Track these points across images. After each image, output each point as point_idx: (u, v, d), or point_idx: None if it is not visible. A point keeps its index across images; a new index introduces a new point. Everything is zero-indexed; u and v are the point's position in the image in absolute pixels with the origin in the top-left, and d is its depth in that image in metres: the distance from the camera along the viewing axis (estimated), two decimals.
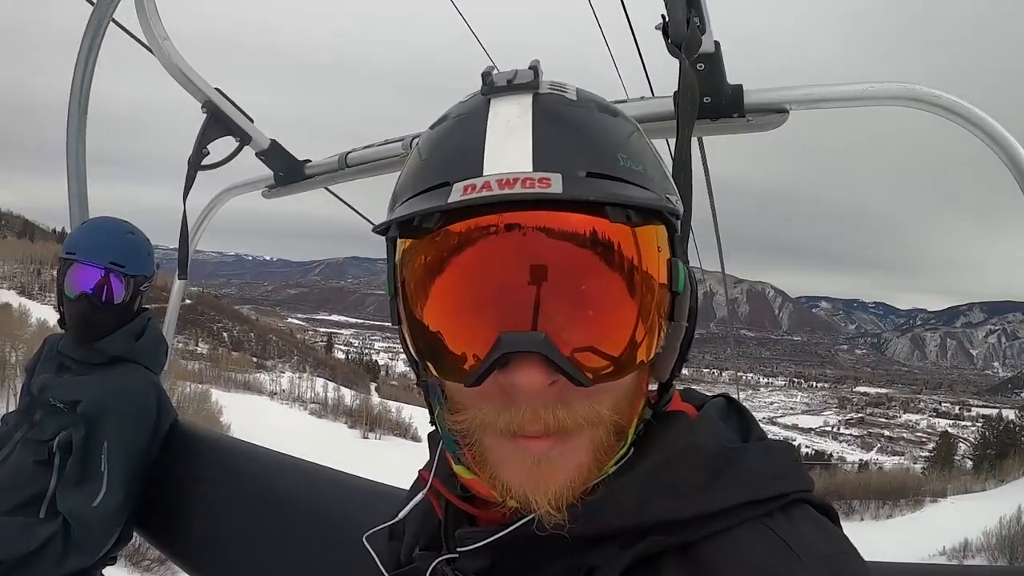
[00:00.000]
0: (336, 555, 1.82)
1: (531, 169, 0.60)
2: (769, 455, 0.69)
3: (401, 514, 0.85)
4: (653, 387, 0.74)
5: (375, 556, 0.83)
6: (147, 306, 2.41)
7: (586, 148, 0.63)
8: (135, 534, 2.46)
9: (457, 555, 0.73)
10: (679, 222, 0.68)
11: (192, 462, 2.38)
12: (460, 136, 0.66)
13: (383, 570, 0.81)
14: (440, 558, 0.74)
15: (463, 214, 0.60)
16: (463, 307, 0.63)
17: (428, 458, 0.85)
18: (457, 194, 0.59)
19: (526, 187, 0.58)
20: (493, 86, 0.67)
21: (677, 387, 0.79)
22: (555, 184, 0.58)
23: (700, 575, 0.61)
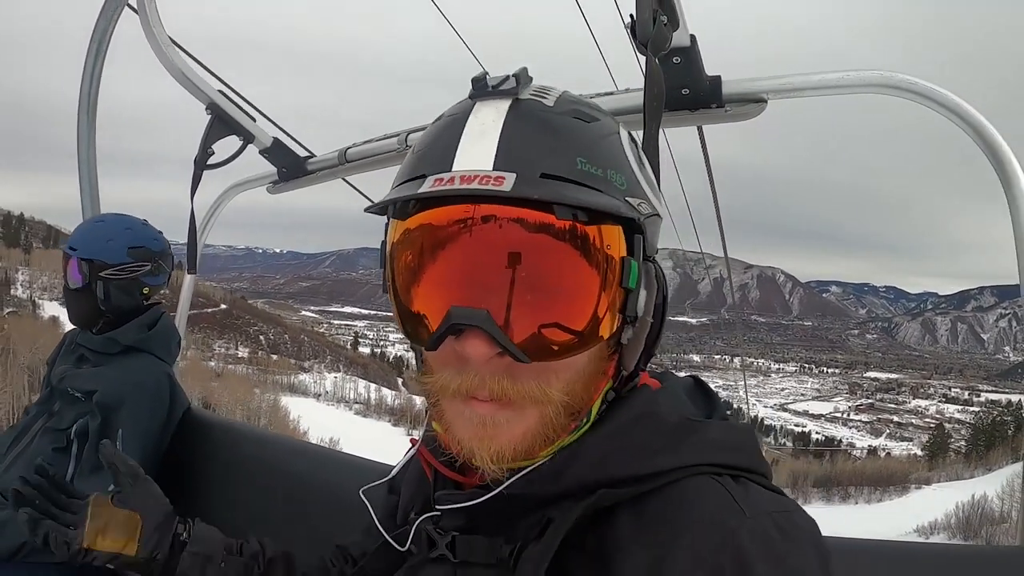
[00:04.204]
0: (348, 534, 1.72)
1: (491, 168, 0.67)
2: (731, 432, 0.76)
3: (394, 471, 0.98)
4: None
5: (369, 507, 0.93)
6: (158, 301, 2.45)
7: (545, 151, 0.69)
8: None
9: (439, 514, 0.81)
10: (644, 223, 0.73)
11: (205, 448, 2.43)
12: (442, 135, 0.74)
13: (375, 520, 0.90)
14: (422, 516, 0.83)
15: (434, 203, 0.70)
16: (426, 282, 0.72)
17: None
18: (428, 185, 0.68)
19: (483, 184, 0.65)
20: (482, 90, 0.74)
21: (657, 370, 0.89)
22: (507, 183, 0.65)
23: (649, 523, 0.67)
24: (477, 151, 0.69)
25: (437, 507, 0.81)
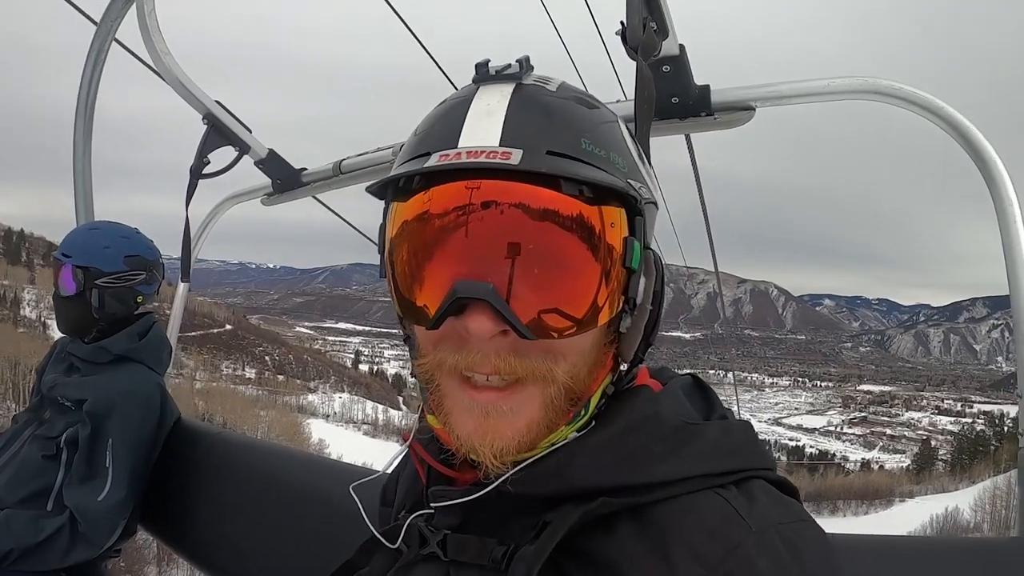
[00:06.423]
0: (339, 540, 1.65)
1: (497, 144, 0.68)
2: (728, 433, 0.75)
3: (388, 467, 0.98)
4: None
5: (360, 505, 0.90)
6: (149, 311, 2.42)
7: (550, 130, 0.70)
8: (139, 528, 2.48)
9: (432, 512, 0.80)
10: (643, 207, 0.73)
11: (195, 457, 2.41)
12: (447, 117, 0.74)
13: (366, 520, 0.87)
14: (415, 514, 0.81)
15: (439, 179, 0.69)
16: (428, 259, 0.71)
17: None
18: (434, 160, 0.69)
19: (490, 158, 0.66)
20: (484, 75, 0.75)
21: (654, 366, 0.89)
22: (514, 157, 0.66)
23: (651, 535, 0.66)
24: (483, 128, 0.70)
25: (432, 504, 0.80)
